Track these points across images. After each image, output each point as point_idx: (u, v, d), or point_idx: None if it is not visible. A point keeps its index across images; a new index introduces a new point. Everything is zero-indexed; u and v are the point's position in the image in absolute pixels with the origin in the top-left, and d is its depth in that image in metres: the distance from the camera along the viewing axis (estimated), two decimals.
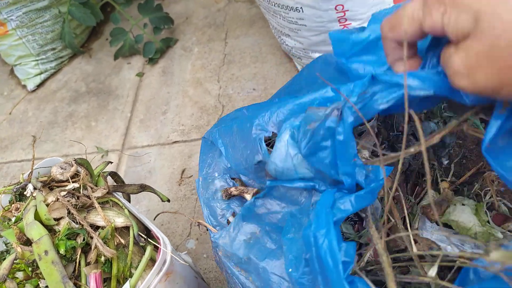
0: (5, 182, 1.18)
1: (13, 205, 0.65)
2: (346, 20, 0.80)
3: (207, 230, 0.59)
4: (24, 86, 1.45)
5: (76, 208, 0.57)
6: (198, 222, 0.59)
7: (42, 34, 1.36)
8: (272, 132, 0.51)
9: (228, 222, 0.57)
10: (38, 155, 1.20)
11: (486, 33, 0.24)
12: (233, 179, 0.62)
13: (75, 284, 0.54)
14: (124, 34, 1.27)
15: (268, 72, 1.12)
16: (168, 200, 0.66)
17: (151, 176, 1.02)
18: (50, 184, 0.66)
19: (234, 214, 0.58)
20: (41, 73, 1.42)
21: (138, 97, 1.24)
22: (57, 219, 0.58)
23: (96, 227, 0.57)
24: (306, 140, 0.43)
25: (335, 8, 0.78)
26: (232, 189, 0.59)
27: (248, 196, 0.58)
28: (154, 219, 0.58)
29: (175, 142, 1.08)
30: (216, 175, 0.63)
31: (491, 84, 0.25)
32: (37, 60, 1.41)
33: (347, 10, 0.78)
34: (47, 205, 0.59)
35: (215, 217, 0.59)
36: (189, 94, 1.18)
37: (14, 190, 0.66)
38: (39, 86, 1.43)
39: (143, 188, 0.66)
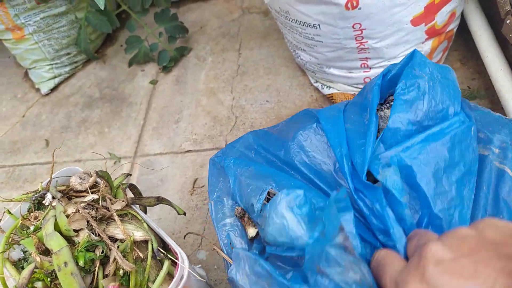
0: (17, 185, 1.19)
1: (31, 213, 0.66)
2: (362, 38, 0.81)
3: (223, 260, 0.59)
4: (38, 90, 1.46)
5: (95, 220, 0.58)
6: (216, 250, 0.59)
7: (58, 39, 1.38)
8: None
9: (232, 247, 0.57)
10: (50, 159, 1.22)
11: None
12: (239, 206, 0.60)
13: None
14: (140, 42, 1.29)
15: (282, 85, 1.13)
16: (184, 214, 0.66)
17: (163, 184, 1.03)
18: (68, 194, 0.67)
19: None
20: (55, 77, 1.44)
21: (151, 104, 1.25)
22: (77, 231, 0.59)
23: (115, 240, 0.58)
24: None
25: (353, 27, 0.79)
26: (239, 208, 0.58)
27: (250, 231, 0.56)
28: (184, 238, 0.58)
29: (187, 151, 1.09)
30: (225, 200, 0.62)
31: None
32: (51, 64, 1.42)
33: (364, 29, 0.79)
34: (67, 216, 0.59)
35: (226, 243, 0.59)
36: (202, 103, 1.19)
37: (33, 198, 0.67)
38: (53, 90, 1.44)
39: (159, 200, 0.67)
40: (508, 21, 0.79)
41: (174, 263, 0.60)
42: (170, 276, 0.59)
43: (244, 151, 0.65)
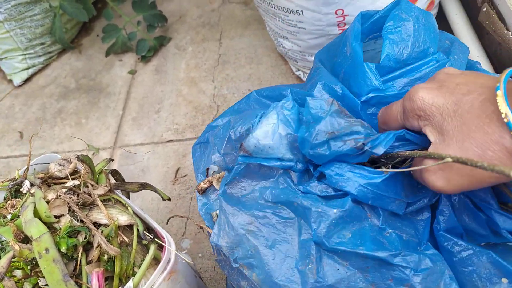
0: None
1: (8, 202, 0.63)
2: (345, 24, 0.81)
3: (208, 234, 0.59)
4: (10, 81, 1.41)
5: (77, 206, 0.56)
6: (201, 226, 0.59)
7: (31, 28, 1.33)
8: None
9: (214, 220, 0.58)
10: (26, 152, 1.18)
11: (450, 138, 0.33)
12: (202, 173, 0.62)
13: (76, 282, 0.53)
14: (117, 31, 1.25)
15: (264, 74, 1.13)
16: (169, 199, 0.65)
17: (144, 175, 1.01)
18: (47, 181, 0.64)
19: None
20: (28, 68, 1.39)
21: (130, 94, 1.23)
22: (58, 217, 0.57)
23: (98, 225, 0.57)
24: (320, 142, 0.44)
25: (335, 13, 0.79)
26: (201, 183, 0.60)
27: (216, 185, 0.58)
28: (167, 223, 0.57)
29: (169, 141, 1.07)
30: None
31: (460, 187, 0.33)
32: (24, 54, 1.37)
33: (347, 15, 0.79)
34: (47, 202, 0.57)
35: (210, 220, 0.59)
36: (183, 93, 1.17)
37: (10, 186, 0.64)
38: (26, 81, 1.39)
39: (143, 186, 0.65)
40: (484, 9, 0.81)
41: (159, 248, 0.58)
42: (156, 261, 0.58)
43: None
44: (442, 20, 0.98)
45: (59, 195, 0.57)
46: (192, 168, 1.00)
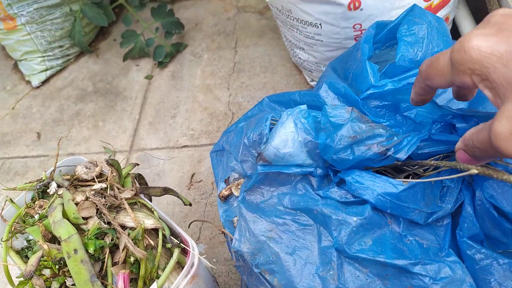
0: (7, 177, 1.17)
1: (36, 202, 0.66)
2: None
3: (231, 240, 0.61)
4: (28, 82, 1.44)
5: (105, 207, 0.59)
6: (223, 231, 0.61)
7: (51, 31, 1.37)
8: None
9: (235, 225, 0.60)
10: (43, 152, 1.20)
11: None
12: (225, 181, 0.65)
13: (101, 283, 0.55)
14: (136, 36, 1.28)
15: (278, 83, 1.15)
16: (190, 204, 0.67)
17: (160, 179, 1.04)
18: (73, 183, 0.67)
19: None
20: (46, 70, 1.42)
21: (147, 99, 1.25)
22: (85, 218, 0.59)
23: (124, 228, 0.59)
24: (343, 147, 0.46)
25: (353, 27, 0.81)
26: (223, 191, 0.62)
27: (235, 191, 0.61)
28: (189, 227, 0.59)
29: (184, 146, 1.09)
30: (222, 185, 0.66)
31: None
32: (43, 56, 1.41)
33: (364, 29, 0.81)
34: (76, 204, 0.60)
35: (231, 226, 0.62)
36: (199, 99, 1.20)
37: (37, 187, 0.67)
38: (44, 82, 1.42)
39: (166, 191, 0.68)
40: None
41: (182, 253, 0.61)
42: (178, 264, 0.60)
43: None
44: (456, 36, 1.00)
45: (88, 197, 0.59)
46: (207, 174, 1.02)
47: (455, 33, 0.98)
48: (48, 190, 0.67)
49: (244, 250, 0.54)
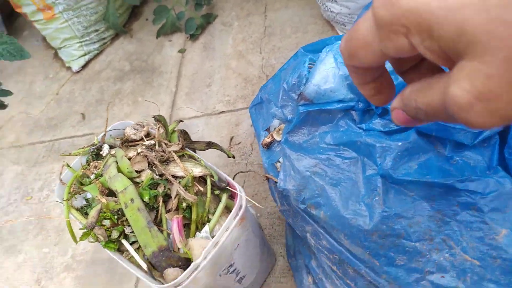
0: (57, 157, 1.25)
1: (91, 164, 0.70)
2: None
3: (274, 183, 0.63)
4: (69, 68, 1.51)
5: (156, 159, 0.62)
6: (266, 177, 0.63)
7: (87, 16, 1.42)
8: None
9: (278, 169, 0.62)
10: (89, 131, 1.27)
11: (494, 48, 0.17)
12: (266, 130, 0.66)
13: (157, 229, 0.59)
14: (167, 11, 1.31)
15: (310, 41, 1.14)
16: (233, 157, 0.70)
17: None
18: (124, 144, 0.71)
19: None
20: (85, 55, 1.48)
21: (181, 72, 1.28)
22: (138, 172, 0.62)
23: (175, 178, 0.62)
24: None
25: None
26: (265, 138, 0.64)
27: (277, 136, 0.62)
28: (234, 177, 0.62)
29: (221, 112, 1.12)
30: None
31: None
32: (81, 42, 1.46)
33: None
34: (129, 159, 0.63)
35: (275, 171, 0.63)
36: (232, 66, 1.21)
37: (91, 150, 0.71)
38: (84, 67, 1.48)
39: (209, 145, 0.70)
40: None
41: (229, 198, 0.63)
42: (227, 209, 0.63)
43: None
44: None
45: (139, 152, 0.63)
46: (245, 136, 1.05)
47: None
48: (101, 153, 0.71)
49: (289, 188, 0.55)
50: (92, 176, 0.68)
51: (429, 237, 0.43)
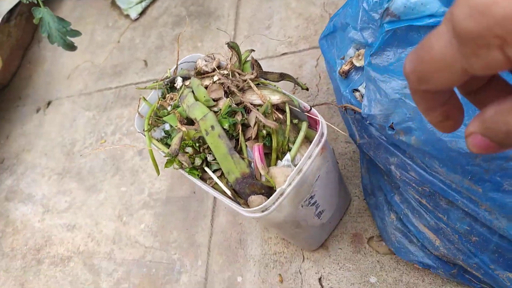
0: (125, 103, 1.29)
1: (167, 95, 0.71)
2: None
3: (353, 115, 0.61)
4: (127, 16, 1.52)
5: (233, 86, 0.61)
6: (345, 106, 0.61)
7: None
8: None
9: (360, 97, 0.59)
10: (152, 77, 1.29)
11: None
12: (341, 59, 0.63)
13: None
14: None
15: None
16: (307, 89, 0.68)
17: None
18: (196, 76, 0.71)
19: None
20: (141, 1, 1.48)
21: (239, 15, 1.25)
22: (215, 100, 0.62)
23: (252, 105, 0.61)
24: None
25: None
26: (343, 66, 0.61)
27: (357, 62, 0.59)
28: (310, 109, 0.60)
29: (283, 54, 1.09)
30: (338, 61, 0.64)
31: None
32: None
33: None
34: (205, 88, 0.63)
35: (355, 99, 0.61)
36: (292, 6, 1.16)
37: (165, 83, 0.72)
38: (141, 14, 1.49)
39: (282, 77, 0.68)
40: None
41: (308, 128, 0.62)
42: (306, 139, 0.62)
43: None
44: None
45: (215, 81, 0.62)
46: (310, 77, 1.02)
47: None
48: (175, 85, 0.71)
49: (375, 113, 0.53)
50: (169, 108, 0.69)
51: None
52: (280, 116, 0.59)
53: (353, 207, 0.80)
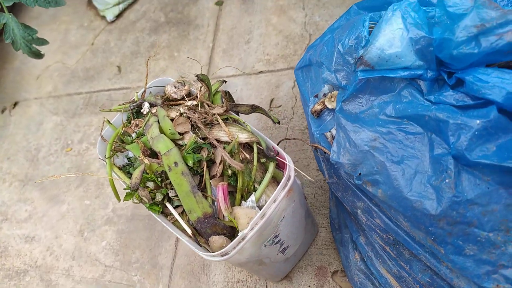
0: (95, 110, 1.24)
1: (132, 121, 0.68)
2: None
3: (323, 154, 0.59)
4: (103, 17, 1.47)
5: (199, 121, 0.59)
6: (315, 146, 0.59)
7: None
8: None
9: (331, 138, 0.57)
10: (125, 84, 1.25)
11: None
12: (315, 96, 0.61)
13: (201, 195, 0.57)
14: None
15: None
16: (279, 122, 0.66)
17: None
18: (164, 103, 0.68)
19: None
20: (119, 3, 1.43)
21: (219, 26, 1.22)
22: (181, 134, 0.60)
23: (218, 143, 0.59)
24: (466, 39, 0.41)
25: None
26: (315, 105, 0.59)
27: (329, 104, 0.57)
28: (278, 144, 0.58)
29: (261, 72, 1.07)
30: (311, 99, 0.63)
31: None
32: None
33: None
34: (171, 120, 0.61)
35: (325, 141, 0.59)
36: (273, 22, 1.14)
37: (131, 108, 0.69)
38: (118, 16, 1.44)
39: (254, 109, 0.66)
40: None
41: (276, 167, 0.60)
42: (273, 179, 0.60)
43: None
44: None
45: (182, 113, 0.60)
46: (286, 99, 1.00)
47: None
48: (141, 110, 0.68)
49: (344, 161, 0.52)
50: (134, 135, 0.66)
51: (505, 227, 0.40)
52: (247, 156, 0.57)
53: (320, 239, 0.79)
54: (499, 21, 0.38)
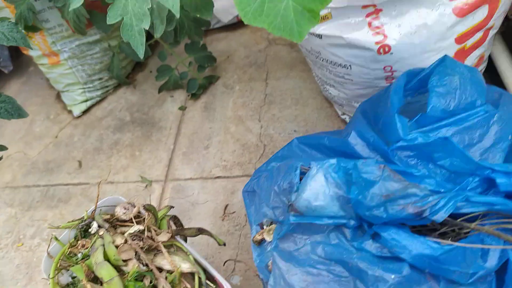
0: (52, 204, 1.24)
1: (79, 241, 0.70)
2: (393, 78, 0.85)
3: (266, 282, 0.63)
4: (70, 112, 1.52)
5: (143, 251, 0.62)
6: (257, 275, 0.63)
7: (91, 65, 1.45)
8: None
9: (269, 269, 0.61)
10: (85, 180, 1.27)
11: None
12: (258, 225, 0.66)
13: None
14: (170, 70, 1.34)
15: (309, 116, 1.17)
16: (224, 244, 0.70)
17: (194, 208, 1.07)
18: (113, 223, 0.71)
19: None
20: (87, 100, 1.50)
21: (181, 130, 1.30)
22: (125, 260, 0.62)
23: (161, 270, 0.62)
24: (375, 205, 0.47)
25: (384, 69, 0.82)
26: (256, 235, 0.64)
27: (268, 237, 0.62)
28: (224, 265, 0.61)
29: (217, 177, 1.13)
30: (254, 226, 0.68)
31: None
32: (84, 88, 1.49)
33: (395, 71, 0.82)
34: (116, 246, 0.63)
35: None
36: (231, 130, 1.23)
37: (80, 226, 0.71)
38: (85, 112, 1.50)
39: (200, 231, 0.70)
40: None
41: None
42: None
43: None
44: (493, 71, 0.98)
45: (127, 241, 0.63)
46: (240, 206, 1.05)
47: (491, 69, 0.97)
48: (89, 230, 0.71)
49: None
50: (79, 255, 0.68)
51: None
52: (188, 286, 0.59)
53: None
54: (401, 193, 0.46)
